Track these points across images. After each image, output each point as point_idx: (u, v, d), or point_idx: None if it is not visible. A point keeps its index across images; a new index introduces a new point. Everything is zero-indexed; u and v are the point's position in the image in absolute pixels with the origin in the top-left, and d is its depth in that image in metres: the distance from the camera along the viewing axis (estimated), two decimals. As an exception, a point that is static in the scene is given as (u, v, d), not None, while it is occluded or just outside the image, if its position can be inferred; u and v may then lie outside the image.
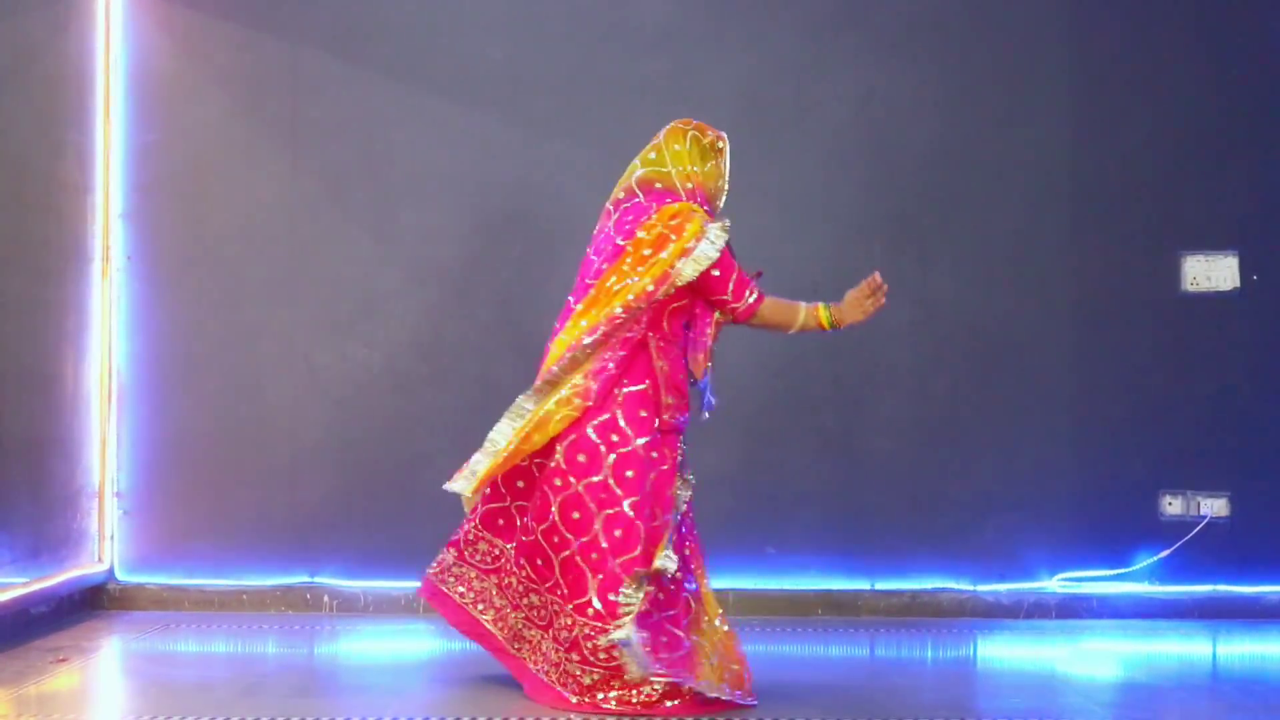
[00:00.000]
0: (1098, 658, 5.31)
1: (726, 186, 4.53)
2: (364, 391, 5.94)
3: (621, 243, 4.38)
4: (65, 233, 5.69)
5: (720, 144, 4.51)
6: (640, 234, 4.34)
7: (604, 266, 4.39)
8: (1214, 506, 5.87)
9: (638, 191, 4.46)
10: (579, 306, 4.39)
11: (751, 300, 4.37)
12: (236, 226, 5.96)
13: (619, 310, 4.29)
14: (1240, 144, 5.95)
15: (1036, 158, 5.97)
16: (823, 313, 4.43)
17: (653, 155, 4.50)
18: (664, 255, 4.29)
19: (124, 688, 4.87)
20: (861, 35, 5.98)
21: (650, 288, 4.29)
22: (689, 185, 4.43)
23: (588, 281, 4.43)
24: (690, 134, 4.48)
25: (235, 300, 5.94)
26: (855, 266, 5.87)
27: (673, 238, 4.30)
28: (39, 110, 5.53)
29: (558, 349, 4.38)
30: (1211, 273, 5.91)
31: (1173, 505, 5.89)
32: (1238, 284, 5.90)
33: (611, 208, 4.52)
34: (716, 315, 4.42)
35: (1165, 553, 5.87)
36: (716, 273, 4.31)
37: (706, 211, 4.41)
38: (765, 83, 5.96)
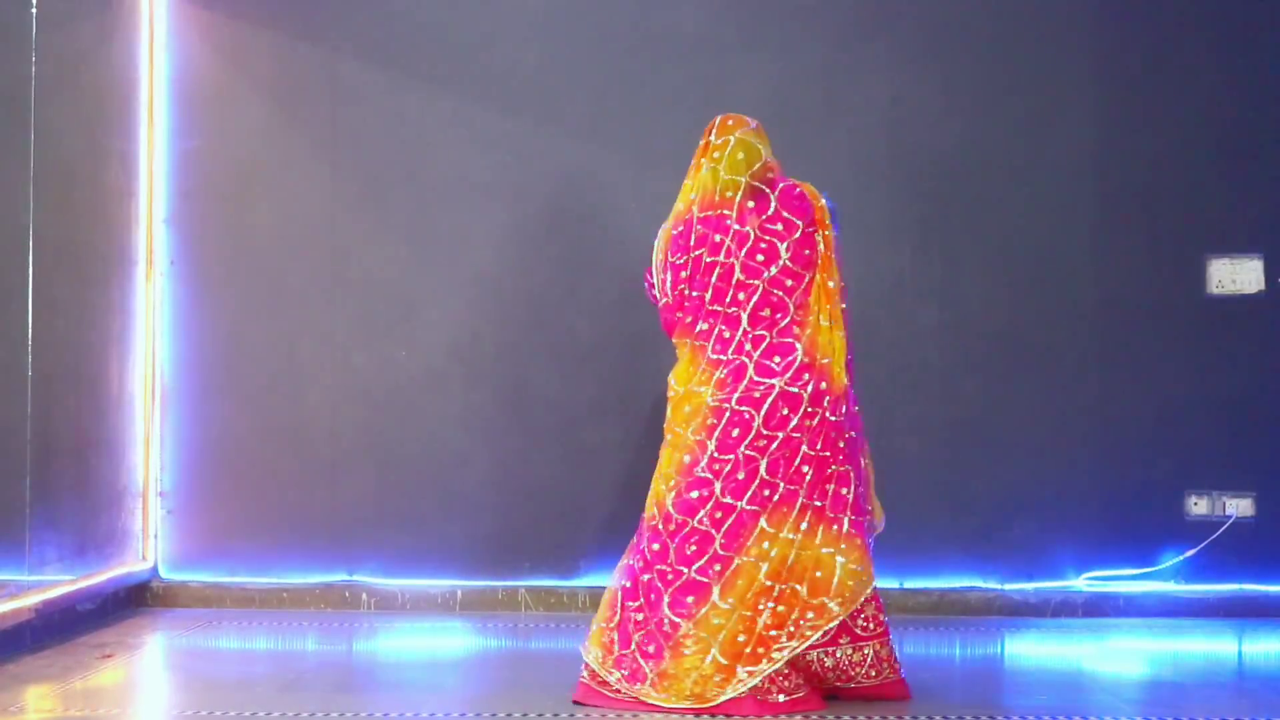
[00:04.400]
0: (1124, 656, 5.32)
1: None
2: (402, 393, 6.01)
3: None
4: (110, 237, 5.78)
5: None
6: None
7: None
8: (1239, 506, 5.88)
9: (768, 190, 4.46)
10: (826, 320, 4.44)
11: None
12: (277, 231, 6.04)
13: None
14: (1265, 147, 5.96)
15: (1062, 161, 5.99)
16: None
17: (741, 155, 4.45)
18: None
19: (168, 683, 4.94)
20: (889, 42, 6.01)
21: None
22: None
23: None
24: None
25: (276, 303, 6.02)
26: (883, 269, 5.97)
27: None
28: (85, 118, 5.61)
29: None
30: (1237, 275, 5.92)
31: (1198, 505, 5.90)
32: (1263, 286, 5.90)
33: (750, 202, 4.43)
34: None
35: (1191, 552, 5.88)
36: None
37: None
38: (794, 88, 6.00)
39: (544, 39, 6.04)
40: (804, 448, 4.33)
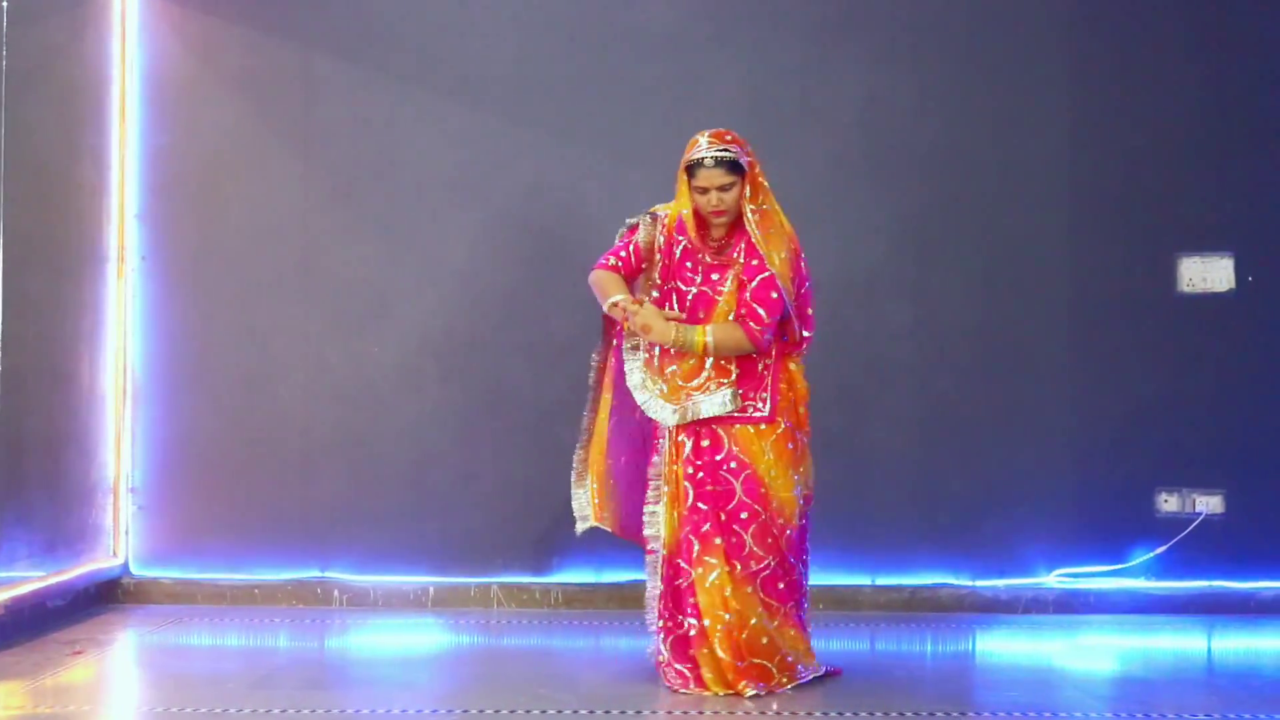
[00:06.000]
0: (1095, 652, 5.34)
1: (684, 204, 4.57)
2: (375, 389, 6.00)
3: None
4: (82, 233, 5.76)
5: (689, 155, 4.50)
6: None
7: None
8: (1209, 503, 5.91)
9: None
10: None
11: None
12: (249, 227, 6.02)
13: None
14: (1237, 146, 5.99)
15: (1035, 160, 6.01)
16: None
17: None
18: None
19: (138, 680, 4.93)
20: (863, 40, 6.02)
21: None
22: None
23: None
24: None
25: (248, 299, 6.01)
26: (858, 267, 5.98)
27: None
28: (57, 113, 5.59)
29: None
30: (1208, 274, 5.95)
31: (1169, 502, 5.93)
32: (1233, 285, 5.93)
33: None
34: None
35: (1161, 549, 5.91)
36: None
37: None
38: (769, 86, 6.01)
39: (517, 37, 6.03)
40: None
